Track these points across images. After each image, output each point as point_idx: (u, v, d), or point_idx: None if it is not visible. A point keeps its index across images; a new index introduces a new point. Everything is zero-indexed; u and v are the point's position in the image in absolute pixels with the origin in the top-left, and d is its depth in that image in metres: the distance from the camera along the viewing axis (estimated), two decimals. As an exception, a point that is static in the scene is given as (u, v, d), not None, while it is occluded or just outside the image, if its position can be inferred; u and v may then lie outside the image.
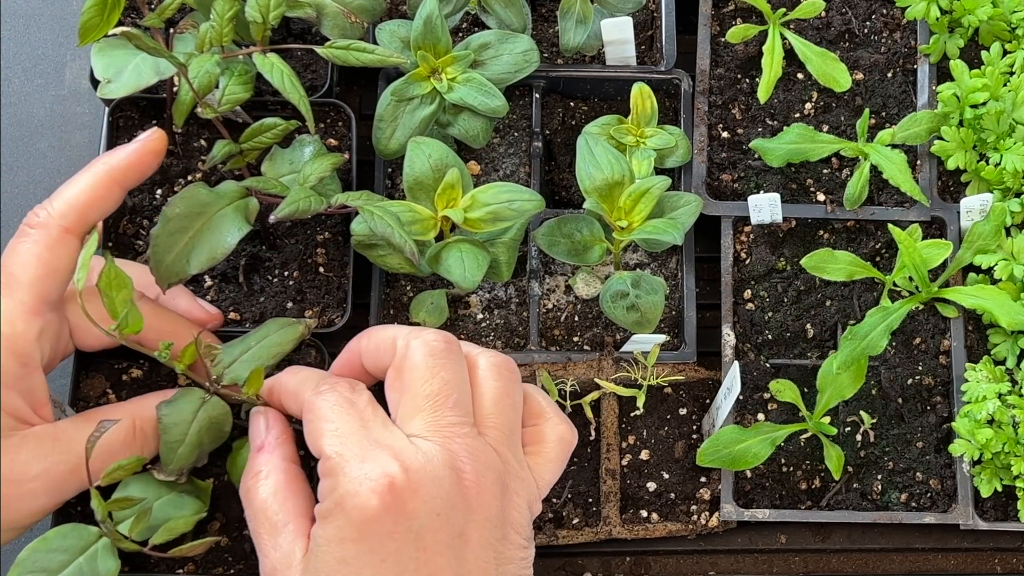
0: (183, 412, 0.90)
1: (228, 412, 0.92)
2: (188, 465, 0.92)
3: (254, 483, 0.87)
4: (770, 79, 1.13)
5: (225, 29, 0.94)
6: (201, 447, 0.91)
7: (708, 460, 1.04)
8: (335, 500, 0.78)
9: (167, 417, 0.90)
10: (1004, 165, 1.10)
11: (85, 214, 0.90)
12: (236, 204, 0.97)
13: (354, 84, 1.19)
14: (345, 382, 0.86)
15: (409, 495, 0.77)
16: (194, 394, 0.91)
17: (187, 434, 0.90)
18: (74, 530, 0.87)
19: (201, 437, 0.91)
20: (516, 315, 1.11)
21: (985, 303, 1.05)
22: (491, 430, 0.84)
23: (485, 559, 0.80)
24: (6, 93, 1.21)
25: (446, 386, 0.83)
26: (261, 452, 0.90)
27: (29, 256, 0.88)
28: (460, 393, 0.83)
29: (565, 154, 1.17)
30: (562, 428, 0.89)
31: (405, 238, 0.93)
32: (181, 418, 0.90)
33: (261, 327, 0.96)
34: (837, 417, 1.09)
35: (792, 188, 1.14)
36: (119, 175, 0.92)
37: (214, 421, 0.91)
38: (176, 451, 0.90)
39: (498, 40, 1.07)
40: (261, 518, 0.85)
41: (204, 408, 0.91)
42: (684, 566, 1.10)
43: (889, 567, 1.11)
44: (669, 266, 1.13)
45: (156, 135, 0.94)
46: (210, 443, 0.92)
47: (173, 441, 0.90)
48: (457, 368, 0.84)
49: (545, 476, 0.87)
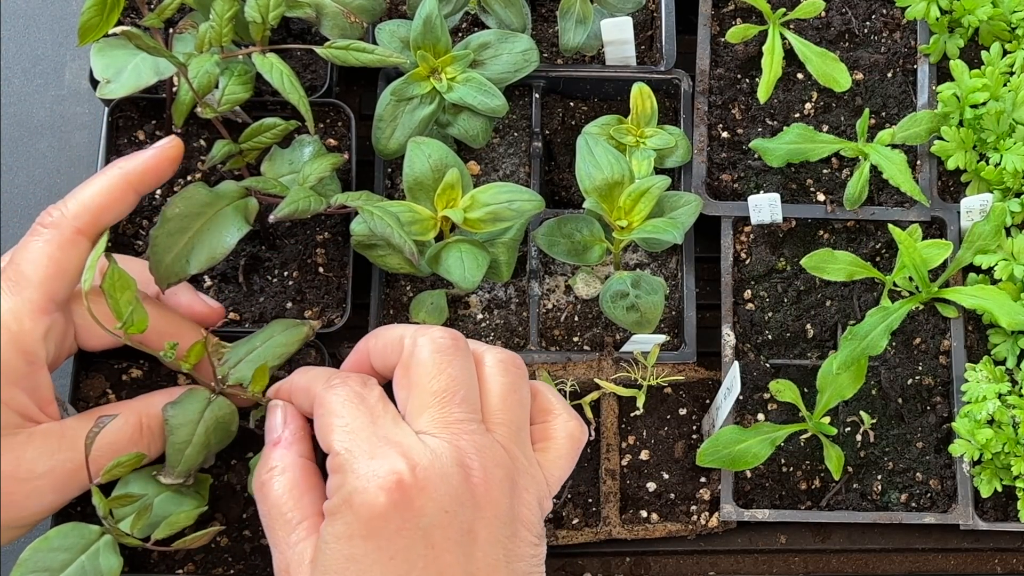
0: (189, 413, 0.90)
1: (234, 412, 0.92)
2: (195, 466, 0.91)
3: (268, 478, 0.87)
4: (770, 79, 1.13)
5: (224, 29, 0.94)
6: (208, 448, 0.91)
7: (708, 460, 1.04)
8: (343, 497, 0.78)
9: (174, 418, 0.90)
10: (1004, 165, 1.10)
11: (98, 216, 0.90)
12: (236, 204, 0.97)
13: (354, 84, 1.19)
14: (357, 377, 0.86)
15: (417, 492, 0.77)
16: (200, 394, 0.91)
17: (194, 435, 0.90)
18: (75, 529, 0.87)
19: (208, 438, 0.91)
20: (516, 315, 1.11)
21: (985, 303, 1.05)
22: (499, 426, 0.84)
23: (495, 556, 0.80)
24: (6, 93, 1.21)
25: (453, 382, 0.83)
26: (277, 447, 0.89)
27: (40, 255, 0.88)
28: (467, 389, 0.83)
29: (565, 154, 1.17)
30: (572, 425, 0.89)
31: (404, 238, 0.93)
32: (187, 419, 0.90)
33: (266, 328, 0.96)
34: (837, 417, 1.09)
35: (792, 188, 1.14)
36: (135, 179, 0.92)
37: (221, 421, 0.91)
38: (183, 452, 0.90)
39: (498, 40, 1.07)
40: (275, 514, 0.85)
41: (210, 408, 0.91)
42: (684, 566, 1.10)
43: (889, 567, 1.11)
44: (669, 266, 1.13)
45: (173, 142, 0.94)
46: (217, 443, 0.92)
47: (180, 442, 0.90)
48: (464, 365, 0.84)
49: (555, 473, 0.87)
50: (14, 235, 1.16)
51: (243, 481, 1.02)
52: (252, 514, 1.02)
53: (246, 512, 1.02)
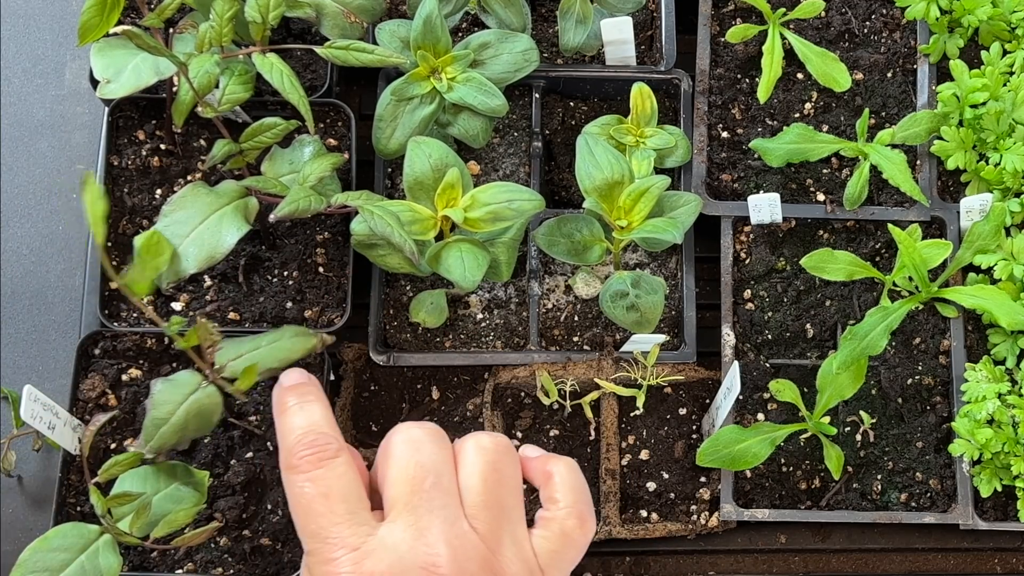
0: (176, 392, 0.90)
1: (219, 404, 0.92)
2: (168, 446, 0.90)
3: None
4: (770, 79, 1.13)
5: (225, 29, 0.94)
6: (185, 431, 0.90)
7: (708, 460, 1.04)
8: None
9: (159, 393, 0.89)
10: (1004, 165, 1.10)
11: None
12: (236, 204, 0.97)
13: (354, 84, 1.19)
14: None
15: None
16: (193, 377, 0.91)
17: (174, 415, 0.89)
18: (74, 528, 0.87)
19: (188, 421, 0.90)
20: (516, 315, 1.11)
21: (985, 303, 1.05)
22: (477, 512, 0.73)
23: None
24: (6, 93, 1.21)
25: (421, 470, 0.73)
26: None
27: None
28: (438, 476, 0.74)
29: (565, 154, 1.17)
30: (569, 523, 0.76)
31: (405, 237, 0.93)
32: (172, 398, 0.89)
33: (276, 331, 0.95)
34: (837, 417, 1.09)
35: (792, 188, 1.14)
36: None
37: (203, 408, 0.91)
38: (159, 429, 0.89)
39: (498, 40, 1.07)
40: None
41: (197, 393, 0.90)
42: (684, 566, 1.10)
43: (889, 567, 1.11)
44: (669, 266, 1.13)
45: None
46: (195, 430, 0.91)
47: (159, 418, 0.89)
48: (435, 450, 0.75)
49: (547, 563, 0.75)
50: (14, 235, 1.17)
51: (243, 481, 1.02)
52: (252, 514, 1.02)
53: (246, 512, 1.02)
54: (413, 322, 1.08)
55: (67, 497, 1.00)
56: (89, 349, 1.05)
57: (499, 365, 1.09)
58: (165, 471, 0.94)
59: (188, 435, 0.92)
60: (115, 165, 1.09)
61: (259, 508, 1.02)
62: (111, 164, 1.09)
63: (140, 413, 1.03)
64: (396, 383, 1.12)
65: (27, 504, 1.09)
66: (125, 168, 1.09)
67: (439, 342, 1.10)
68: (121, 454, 0.87)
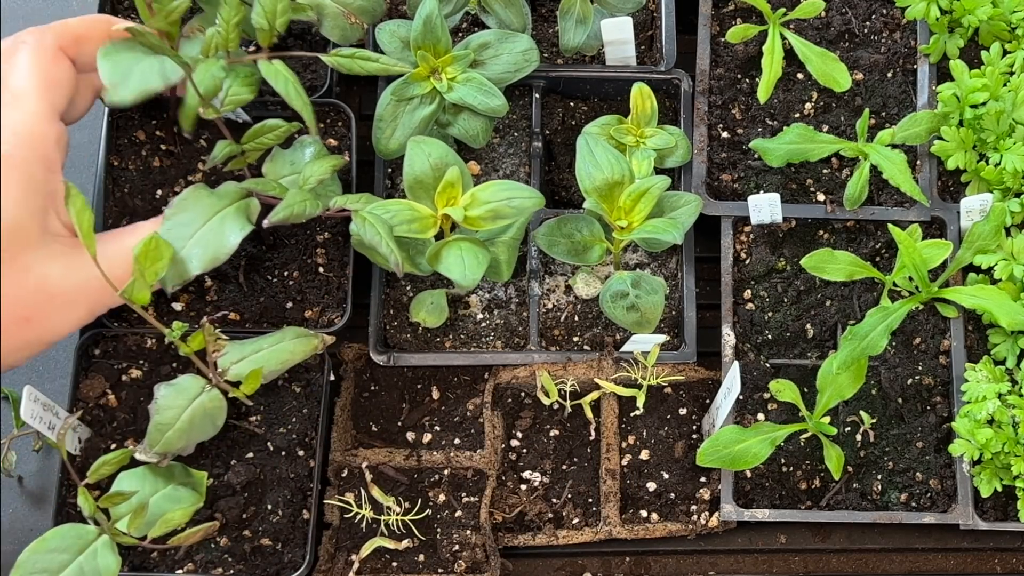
0: (180, 397, 0.90)
1: (223, 407, 0.92)
2: (173, 451, 0.91)
3: None
4: (770, 79, 1.13)
5: (231, 35, 0.94)
6: (190, 436, 0.91)
7: (708, 460, 1.04)
8: None
9: (163, 399, 0.90)
10: (1004, 165, 1.10)
11: (77, 40, 0.93)
12: (238, 205, 0.97)
13: (354, 84, 1.19)
14: None
15: None
16: (196, 381, 0.91)
17: (178, 419, 0.90)
18: (72, 530, 0.87)
19: (192, 425, 0.90)
20: (516, 315, 1.11)
21: (985, 303, 1.05)
22: None
23: None
24: (6, 93, 1.21)
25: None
26: None
27: (28, 68, 0.90)
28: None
29: (565, 154, 1.17)
30: None
31: (392, 248, 0.92)
32: (176, 402, 0.90)
33: (277, 332, 0.95)
34: (837, 417, 1.09)
35: (792, 188, 1.14)
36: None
37: (208, 412, 0.91)
38: (164, 434, 0.89)
39: (498, 40, 1.07)
40: None
41: (201, 397, 0.91)
42: (684, 566, 1.10)
43: (889, 567, 1.11)
44: (669, 266, 1.13)
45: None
46: (200, 434, 0.92)
47: (163, 423, 0.89)
48: None
49: None
50: (14, 235, 1.16)
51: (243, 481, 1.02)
52: (252, 514, 1.02)
53: (246, 512, 1.02)
54: (413, 322, 1.08)
55: (67, 497, 1.00)
56: (89, 349, 1.05)
57: (499, 365, 1.09)
58: (163, 472, 0.95)
59: (193, 439, 0.92)
60: (115, 165, 1.09)
61: (259, 508, 1.02)
62: (111, 164, 1.09)
63: (140, 413, 1.03)
64: (396, 383, 1.12)
65: (27, 504, 1.09)
66: (125, 169, 1.09)
67: (439, 342, 1.10)
68: (108, 455, 0.87)
